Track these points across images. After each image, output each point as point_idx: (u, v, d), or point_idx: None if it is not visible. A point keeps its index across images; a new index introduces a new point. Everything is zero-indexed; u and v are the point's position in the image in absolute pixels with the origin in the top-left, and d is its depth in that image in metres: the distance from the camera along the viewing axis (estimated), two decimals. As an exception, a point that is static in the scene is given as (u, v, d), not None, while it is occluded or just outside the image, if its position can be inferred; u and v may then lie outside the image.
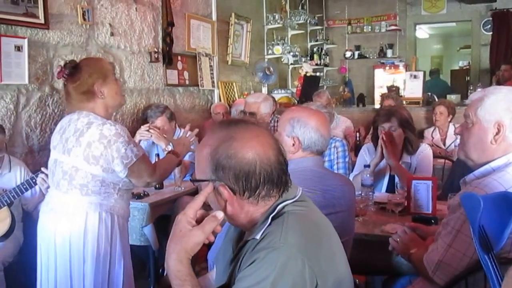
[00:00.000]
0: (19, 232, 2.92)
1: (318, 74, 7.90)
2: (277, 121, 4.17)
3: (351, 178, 3.07)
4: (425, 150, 3.17)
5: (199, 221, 1.24)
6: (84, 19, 3.99)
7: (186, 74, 5.27)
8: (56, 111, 3.77)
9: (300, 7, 8.17)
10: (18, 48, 3.47)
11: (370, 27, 9.07)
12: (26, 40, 3.50)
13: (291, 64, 7.50)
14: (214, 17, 5.79)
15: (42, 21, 3.64)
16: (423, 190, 2.64)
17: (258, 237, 1.20)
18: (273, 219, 1.24)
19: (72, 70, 2.31)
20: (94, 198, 2.24)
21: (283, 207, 1.27)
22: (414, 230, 2.19)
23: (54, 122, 3.75)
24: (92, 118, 2.27)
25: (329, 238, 1.29)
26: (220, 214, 1.23)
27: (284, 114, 2.22)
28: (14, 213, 2.81)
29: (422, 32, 11.01)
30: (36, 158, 3.51)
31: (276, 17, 7.13)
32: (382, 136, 2.99)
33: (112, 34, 4.28)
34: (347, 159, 3.34)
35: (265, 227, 1.22)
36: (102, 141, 2.21)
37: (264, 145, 1.26)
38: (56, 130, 2.40)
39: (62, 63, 3.69)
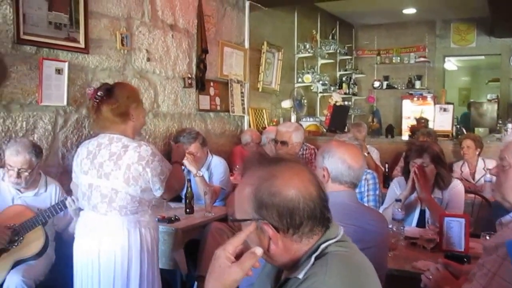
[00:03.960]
0: (51, 251, 2.92)
1: (347, 103, 7.84)
2: (306, 149, 4.13)
3: (381, 211, 3.00)
4: (457, 186, 3.08)
5: (237, 256, 1.21)
6: (123, 45, 4.05)
7: (217, 99, 5.29)
8: (91, 132, 3.80)
9: (330, 37, 8.18)
10: (59, 71, 3.53)
11: (399, 58, 9.01)
12: (66, 63, 3.57)
13: (320, 92, 7.49)
14: (246, 45, 5.82)
15: (83, 46, 3.71)
16: (456, 228, 2.55)
17: (300, 276, 1.18)
18: (316, 258, 1.20)
19: (108, 92, 2.34)
20: (132, 217, 2.31)
21: (326, 247, 1.24)
22: (447, 268, 2.11)
23: (89, 143, 3.78)
24: (126, 141, 2.32)
25: (370, 281, 1.25)
26: (259, 251, 1.20)
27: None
28: (47, 233, 2.81)
29: (451, 64, 10.90)
30: (70, 178, 3.52)
31: (307, 46, 7.14)
32: (414, 170, 2.92)
33: (148, 59, 4.33)
34: (377, 192, 3.27)
35: (308, 266, 1.19)
36: (140, 162, 2.27)
37: (305, 181, 1.24)
38: (83, 155, 2.42)
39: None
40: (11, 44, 3.23)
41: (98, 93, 2.33)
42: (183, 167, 2.74)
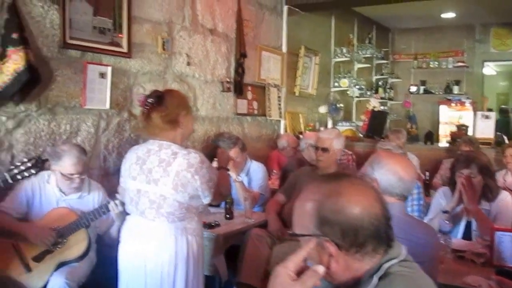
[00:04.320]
0: (93, 253, 2.93)
1: (383, 108, 7.70)
2: (344, 155, 4.05)
3: (425, 221, 2.90)
4: (506, 198, 2.94)
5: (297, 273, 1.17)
6: (164, 49, 4.06)
7: (255, 104, 5.25)
8: (132, 135, 3.82)
9: (367, 41, 8.06)
10: (102, 75, 3.55)
11: (436, 62, 8.78)
12: (110, 67, 3.59)
13: (356, 97, 7.37)
14: (284, 49, 5.77)
15: (125, 50, 3.73)
16: (508, 242, 2.43)
17: None
18: (379, 279, 1.16)
19: (158, 99, 2.33)
20: (179, 224, 2.30)
21: (389, 267, 1.18)
22: (500, 285, 2.01)
23: (130, 146, 3.77)
24: (175, 148, 2.31)
25: None
26: (321, 269, 1.16)
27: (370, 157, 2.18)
28: (90, 235, 2.82)
29: (489, 69, 10.57)
30: (111, 181, 3.54)
31: (344, 50, 7.05)
32: (462, 181, 2.81)
33: (188, 63, 4.33)
34: (421, 202, 3.17)
35: (371, 287, 1.14)
36: (189, 170, 2.25)
37: (370, 199, 1.20)
38: (132, 161, 2.41)
39: (141, 90, 3.79)
40: (57, 49, 3.26)
41: (149, 100, 2.33)
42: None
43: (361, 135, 6.12)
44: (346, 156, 4.14)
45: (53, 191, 2.83)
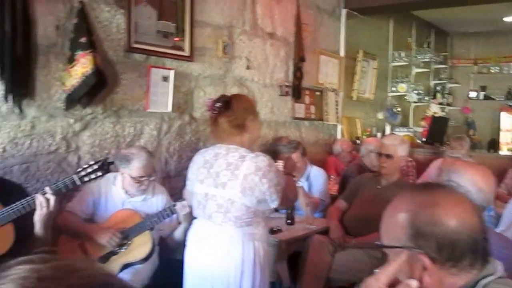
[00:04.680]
0: (155, 255, 2.91)
1: (444, 113, 7.41)
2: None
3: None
4: None
5: None
6: (225, 53, 4.03)
7: (312, 108, 5.15)
8: (193, 139, 3.81)
9: (425, 45, 7.79)
10: (165, 79, 3.56)
11: (498, 67, 8.37)
12: (172, 71, 3.59)
13: (414, 102, 7.12)
14: (342, 53, 5.64)
15: (188, 54, 3.72)
16: None
17: None
18: None
19: (225, 104, 2.29)
20: (247, 228, 2.24)
21: (486, 284, 1.09)
22: None
23: (190, 149, 3.78)
24: (243, 151, 2.27)
25: None
26: (414, 283, 1.08)
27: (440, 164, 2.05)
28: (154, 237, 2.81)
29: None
30: (172, 183, 3.53)
31: (402, 54, 6.84)
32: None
33: (248, 67, 4.28)
34: (492, 213, 2.97)
35: None
36: (257, 173, 2.20)
37: (467, 210, 1.11)
38: (199, 164, 2.37)
39: (202, 94, 3.77)
40: (122, 52, 3.29)
41: (216, 105, 2.29)
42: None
43: (421, 142, 5.89)
44: (405, 162, 3.96)
45: (118, 193, 2.83)
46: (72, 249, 2.64)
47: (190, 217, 2.73)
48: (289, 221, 3.29)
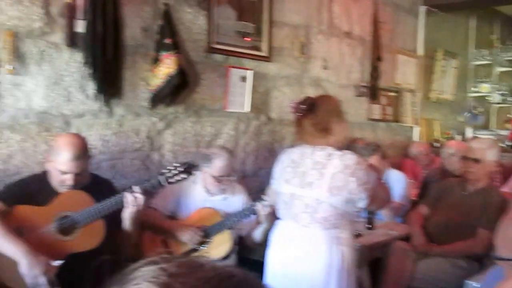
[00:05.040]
0: (234, 255, 2.95)
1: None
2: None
3: None
4: None
5: None
6: (302, 53, 4.02)
7: (388, 109, 5.03)
8: (269, 139, 3.83)
9: (510, 43, 7.37)
10: (243, 79, 3.60)
11: None
12: (251, 71, 3.63)
13: (497, 103, 6.76)
14: (420, 52, 5.47)
15: (266, 54, 3.75)
16: None
17: None
18: None
19: (310, 107, 2.27)
20: (334, 231, 2.19)
21: None
22: None
23: (266, 150, 3.81)
24: (329, 150, 2.23)
25: None
26: None
27: None
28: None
29: None
30: (248, 183, 3.56)
31: (484, 53, 6.51)
32: None
33: (324, 67, 4.25)
34: None
35: None
36: (345, 171, 2.15)
37: None
38: (285, 164, 2.36)
39: (279, 94, 3.79)
40: (203, 53, 3.37)
41: (300, 107, 2.28)
42: None
43: (505, 146, 5.59)
44: (495, 168, 3.75)
45: (199, 192, 2.90)
46: (156, 244, 2.73)
47: (270, 218, 2.75)
48: (369, 226, 3.21)
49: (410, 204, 3.77)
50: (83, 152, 2.34)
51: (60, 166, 2.27)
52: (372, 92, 4.73)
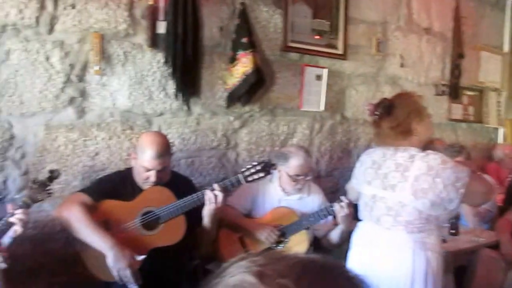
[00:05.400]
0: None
1: None
2: None
3: None
4: None
5: None
6: (378, 50, 3.95)
7: (470, 109, 4.83)
8: (344, 139, 3.79)
9: None
10: (318, 77, 3.59)
11: None
12: (326, 70, 3.61)
13: None
14: (506, 49, 5.20)
15: (341, 52, 3.71)
16: None
17: None
18: None
19: (387, 109, 2.21)
20: (418, 236, 2.12)
21: None
22: None
23: (341, 149, 3.77)
24: (412, 151, 2.17)
25: None
26: None
27: None
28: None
29: None
30: (322, 183, 3.54)
31: None
32: None
33: (402, 65, 4.15)
34: None
35: None
36: (429, 173, 2.08)
37: None
38: (367, 165, 2.33)
39: (353, 92, 3.74)
40: (278, 52, 3.39)
41: (377, 111, 2.23)
42: None
43: None
44: None
45: (275, 191, 2.91)
46: (232, 242, 2.78)
47: (348, 219, 2.72)
48: (452, 231, 3.08)
49: (497, 210, 3.59)
50: (165, 150, 2.43)
51: (144, 163, 2.37)
52: (453, 91, 4.56)
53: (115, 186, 2.44)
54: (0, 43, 2.42)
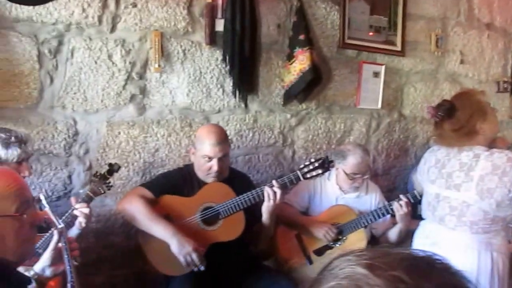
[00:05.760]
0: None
1: None
2: None
3: None
4: None
5: None
6: (437, 47, 3.80)
7: (534, 107, 4.58)
8: (401, 137, 3.68)
9: None
10: (376, 75, 3.49)
11: None
12: (383, 66, 3.51)
13: None
14: None
15: (399, 49, 3.60)
16: None
17: None
18: None
19: (448, 112, 2.11)
20: (484, 236, 2.04)
21: None
22: None
23: (398, 147, 3.66)
24: (477, 150, 2.07)
25: None
26: None
27: None
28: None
29: None
30: (379, 182, 3.44)
31: None
32: None
33: (462, 62, 3.98)
34: None
35: None
36: (495, 172, 1.99)
37: None
38: (431, 163, 2.24)
39: (411, 90, 3.62)
40: (335, 49, 3.32)
41: (438, 113, 2.13)
42: None
43: None
44: None
45: (332, 188, 2.85)
46: (289, 239, 2.74)
47: (407, 218, 2.63)
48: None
49: None
50: (224, 137, 2.42)
51: (205, 152, 2.36)
52: (516, 88, 4.34)
53: (175, 182, 2.45)
54: (65, 42, 2.48)
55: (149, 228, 2.26)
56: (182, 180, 2.45)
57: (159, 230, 2.24)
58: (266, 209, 2.37)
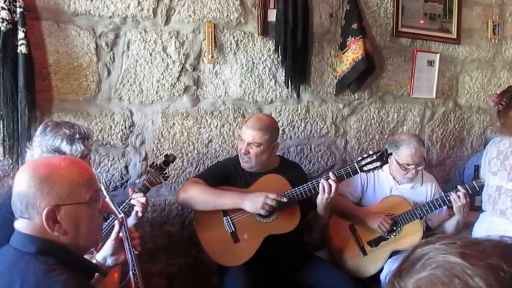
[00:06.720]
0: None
1: None
2: None
3: None
4: None
5: None
6: (494, 34, 3.57)
7: None
8: (457, 127, 3.49)
9: None
10: (430, 63, 3.32)
11: None
12: (438, 55, 3.33)
13: None
14: None
15: (454, 36, 3.40)
16: None
17: None
18: None
19: None
20: None
21: None
22: None
23: (453, 138, 3.48)
24: None
25: None
26: None
27: None
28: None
29: None
30: (434, 173, 3.27)
31: None
32: None
33: (522, 48, 3.73)
34: None
35: None
36: None
37: None
38: (492, 155, 2.09)
39: (467, 78, 3.42)
40: (389, 37, 3.17)
41: (503, 101, 1.97)
42: None
43: None
44: None
45: (386, 179, 2.72)
46: (343, 229, 2.63)
47: (464, 210, 2.48)
48: None
49: None
50: (260, 126, 2.31)
51: (240, 132, 2.38)
52: None
53: (228, 172, 2.40)
54: (121, 35, 2.46)
55: (216, 202, 2.22)
56: (234, 171, 2.39)
57: (227, 200, 2.21)
58: (320, 201, 2.27)
